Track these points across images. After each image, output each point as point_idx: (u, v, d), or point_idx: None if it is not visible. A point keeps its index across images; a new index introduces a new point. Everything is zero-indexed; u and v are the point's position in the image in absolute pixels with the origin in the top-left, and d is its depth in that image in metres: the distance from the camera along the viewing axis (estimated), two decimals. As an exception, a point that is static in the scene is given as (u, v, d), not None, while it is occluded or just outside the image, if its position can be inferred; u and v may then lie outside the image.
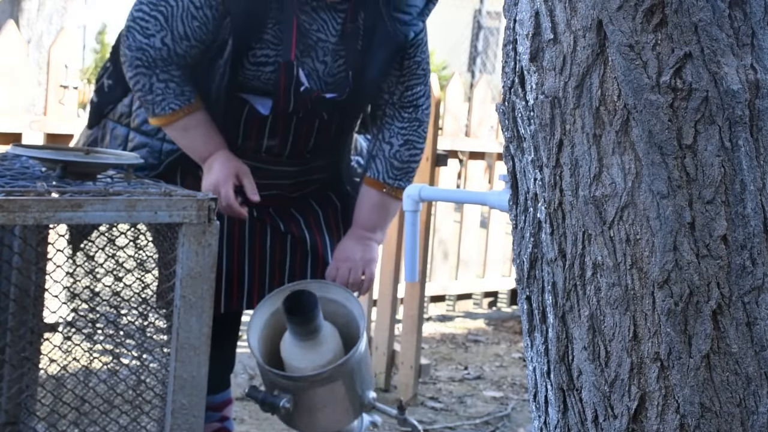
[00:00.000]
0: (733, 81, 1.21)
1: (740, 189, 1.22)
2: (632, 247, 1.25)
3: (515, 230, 1.41)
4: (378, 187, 2.32)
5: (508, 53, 1.37)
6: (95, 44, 18.27)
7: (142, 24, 2.11)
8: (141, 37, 2.11)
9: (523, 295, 1.40)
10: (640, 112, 1.22)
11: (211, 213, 1.64)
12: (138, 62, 2.11)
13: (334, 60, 2.21)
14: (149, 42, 2.10)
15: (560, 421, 1.35)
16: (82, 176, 1.75)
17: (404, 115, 2.32)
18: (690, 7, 1.21)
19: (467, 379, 4.19)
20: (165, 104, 2.12)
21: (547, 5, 1.28)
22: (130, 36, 2.12)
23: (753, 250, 1.22)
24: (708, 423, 1.24)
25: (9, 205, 1.48)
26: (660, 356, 1.24)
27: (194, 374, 1.64)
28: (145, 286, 1.79)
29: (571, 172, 1.28)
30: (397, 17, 2.22)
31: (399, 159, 2.33)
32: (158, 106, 2.12)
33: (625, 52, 1.22)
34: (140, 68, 2.11)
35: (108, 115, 2.33)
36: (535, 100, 1.31)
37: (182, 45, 2.11)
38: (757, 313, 1.23)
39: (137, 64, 2.11)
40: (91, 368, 1.91)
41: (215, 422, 2.35)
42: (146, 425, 1.76)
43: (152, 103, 2.13)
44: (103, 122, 2.33)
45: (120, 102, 2.30)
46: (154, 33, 2.10)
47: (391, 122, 2.32)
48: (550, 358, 1.35)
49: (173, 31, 2.10)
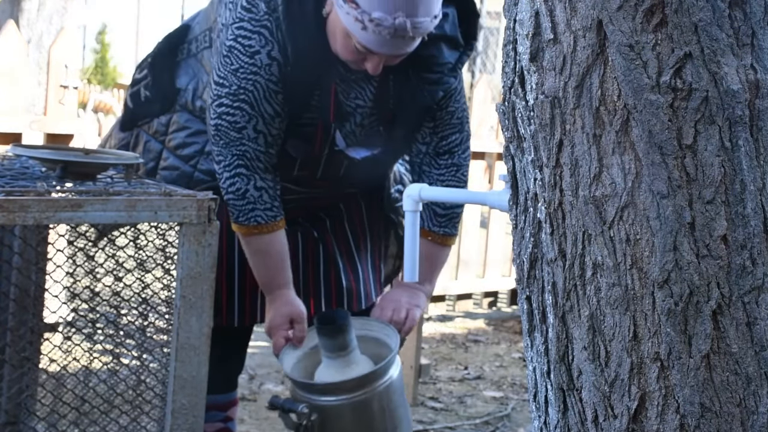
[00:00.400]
0: (733, 81, 1.21)
1: (740, 189, 1.22)
2: (632, 247, 1.25)
3: (515, 230, 1.41)
4: (424, 236, 2.28)
5: (508, 53, 1.36)
6: (95, 44, 18.26)
7: (229, 119, 2.06)
8: (233, 132, 2.06)
9: (523, 295, 1.40)
10: (640, 112, 1.22)
11: (211, 213, 1.64)
12: (239, 163, 2.06)
13: (368, 119, 2.22)
14: (242, 135, 2.05)
15: (560, 421, 1.35)
16: (82, 176, 1.75)
17: (440, 162, 2.29)
18: (690, 7, 1.21)
19: (467, 379, 4.19)
20: (252, 215, 2.08)
21: (547, 5, 1.28)
22: (221, 134, 2.06)
23: (753, 250, 1.22)
24: (708, 423, 1.24)
25: (9, 205, 1.48)
26: (660, 356, 1.24)
27: (194, 374, 1.64)
28: (145, 286, 1.79)
29: (571, 172, 1.28)
30: (426, 77, 2.20)
31: (441, 206, 2.31)
32: (244, 216, 2.08)
33: (625, 52, 1.22)
34: (240, 169, 2.06)
35: (142, 126, 2.30)
36: (535, 100, 1.31)
37: (275, 124, 2.08)
38: (757, 313, 1.23)
39: (238, 164, 2.06)
40: (91, 368, 1.91)
41: (218, 422, 2.35)
42: (146, 425, 1.76)
43: (240, 210, 2.08)
44: (137, 131, 2.31)
45: (157, 118, 2.27)
46: (244, 124, 2.05)
47: (429, 170, 2.29)
48: (550, 358, 1.35)
49: (263, 115, 2.06)
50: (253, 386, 3.84)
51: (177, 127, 2.25)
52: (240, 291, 2.23)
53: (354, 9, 1.97)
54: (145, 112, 2.30)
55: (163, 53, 2.30)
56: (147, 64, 2.32)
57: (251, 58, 2.04)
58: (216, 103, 2.07)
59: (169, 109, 2.26)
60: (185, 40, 2.29)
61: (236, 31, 2.06)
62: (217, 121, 2.07)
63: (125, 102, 2.36)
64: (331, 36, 2.07)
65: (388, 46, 2.01)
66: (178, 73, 2.28)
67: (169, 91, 2.26)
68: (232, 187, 2.07)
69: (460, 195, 2.19)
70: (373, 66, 2.06)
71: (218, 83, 2.07)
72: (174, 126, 2.25)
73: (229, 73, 2.05)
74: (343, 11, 1.99)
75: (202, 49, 2.24)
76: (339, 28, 2.03)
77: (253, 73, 2.04)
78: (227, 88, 2.05)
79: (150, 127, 2.28)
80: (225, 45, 2.07)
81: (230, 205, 2.09)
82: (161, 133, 2.27)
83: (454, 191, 2.19)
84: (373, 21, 1.96)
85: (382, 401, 2.09)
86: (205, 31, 2.24)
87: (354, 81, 2.17)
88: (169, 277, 1.75)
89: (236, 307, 2.24)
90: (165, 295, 1.77)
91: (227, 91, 2.05)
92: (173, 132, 2.25)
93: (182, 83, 2.26)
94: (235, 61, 2.05)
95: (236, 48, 2.05)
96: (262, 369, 4.10)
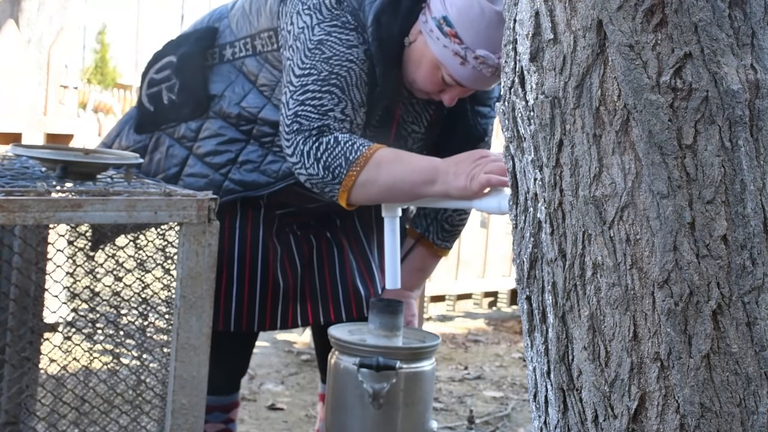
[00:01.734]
0: (733, 81, 1.21)
1: (740, 189, 1.22)
2: (632, 247, 1.25)
3: (515, 230, 1.41)
4: (426, 246, 2.34)
5: (508, 53, 1.37)
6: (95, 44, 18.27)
7: (315, 103, 1.98)
8: (317, 115, 1.97)
9: (523, 295, 1.40)
10: (640, 112, 1.22)
11: (211, 213, 1.64)
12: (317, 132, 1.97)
13: (418, 144, 2.23)
14: (328, 117, 1.98)
15: (560, 421, 1.35)
16: (82, 176, 1.75)
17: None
18: (690, 7, 1.21)
19: (467, 379, 4.19)
20: (357, 146, 1.95)
21: (547, 5, 1.28)
22: (302, 118, 1.98)
23: (753, 250, 1.22)
24: (708, 423, 1.24)
25: (9, 205, 1.48)
26: (660, 356, 1.24)
27: (194, 374, 1.64)
28: (145, 286, 1.79)
29: (571, 172, 1.28)
30: (479, 111, 2.23)
31: (450, 222, 2.35)
32: (351, 151, 1.94)
33: (625, 52, 1.22)
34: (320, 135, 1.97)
35: (165, 129, 2.24)
36: (535, 100, 1.31)
37: (361, 113, 2.03)
38: (757, 313, 1.23)
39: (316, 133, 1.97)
40: (91, 368, 1.91)
41: (220, 423, 2.35)
42: (146, 425, 1.76)
43: (343, 156, 1.94)
44: (158, 135, 2.25)
45: (185, 123, 2.21)
46: (332, 107, 1.98)
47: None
48: (550, 358, 1.35)
49: (353, 100, 2.01)
50: (253, 386, 3.84)
51: (209, 134, 2.19)
52: (238, 296, 2.22)
53: (456, 44, 1.98)
54: (170, 116, 2.24)
55: (193, 56, 2.23)
56: (170, 66, 2.26)
57: (348, 49, 2.01)
58: (299, 92, 2.00)
59: (201, 115, 2.21)
60: (214, 44, 2.24)
61: (328, 28, 2.02)
62: (297, 109, 1.98)
63: (141, 103, 2.29)
64: (413, 64, 2.07)
65: (480, 82, 2.04)
66: (211, 78, 2.22)
67: (201, 97, 2.20)
68: (321, 146, 1.96)
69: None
70: (451, 97, 2.08)
71: (302, 74, 2.01)
72: (206, 132, 2.20)
73: (319, 61, 2.00)
74: (439, 44, 2.00)
75: (243, 56, 2.19)
76: (427, 59, 2.03)
77: (350, 61, 2.01)
78: (315, 75, 1.99)
79: (176, 132, 2.23)
80: (311, 41, 2.02)
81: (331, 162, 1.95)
82: (189, 138, 2.21)
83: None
84: (477, 58, 1.98)
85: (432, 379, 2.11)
86: (245, 39, 2.19)
87: (413, 106, 2.18)
88: (169, 277, 1.74)
89: (233, 312, 2.22)
90: (165, 295, 1.77)
91: (315, 77, 1.99)
92: (204, 139, 2.20)
93: (217, 89, 2.20)
94: (328, 50, 2.00)
95: (329, 41, 2.01)
96: (262, 369, 4.10)
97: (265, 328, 2.27)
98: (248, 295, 2.22)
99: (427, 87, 2.09)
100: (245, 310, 2.23)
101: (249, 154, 2.18)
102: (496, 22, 1.96)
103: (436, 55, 2.02)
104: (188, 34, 2.31)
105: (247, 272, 2.20)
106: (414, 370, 2.04)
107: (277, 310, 2.26)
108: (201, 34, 2.27)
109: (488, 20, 1.97)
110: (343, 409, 2.04)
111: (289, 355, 4.36)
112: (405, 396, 2.03)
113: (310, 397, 3.73)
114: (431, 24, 2.01)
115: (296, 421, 3.49)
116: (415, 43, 2.06)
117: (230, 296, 2.21)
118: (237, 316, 2.22)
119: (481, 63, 2.00)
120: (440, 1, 2.01)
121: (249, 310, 2.23)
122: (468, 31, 1.98)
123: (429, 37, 2.02)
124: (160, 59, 2.30)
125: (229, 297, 2.21)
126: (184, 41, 2.29)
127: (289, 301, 2.25)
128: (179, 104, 2.22)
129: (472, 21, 1.98)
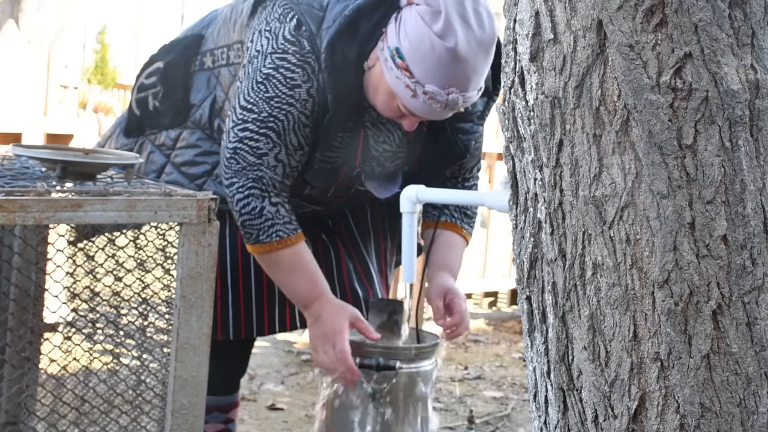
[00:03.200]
0: (733, 81, 1.21)
1: (740, 189, 1.22)
2: (632, 247, 1.25)
3: (515, 230, 1.41)
4: (458, 231, 2.35)
5: (508, 53, 1.37)
6: (95, 44, 18.26)
7: (251, 144, 2.01)
8: (252, 157, 2.01)
9: (523, 295, 1.40)
10: (640, 112, 1.22)
11: (211, 213, 1.64)
12: (253, 185, 2.01)
13: (393, 161, 2.22)
14: (262, 162, 2.02)
15: (560, 421, 1.35)
16: (82, 176, 1.75)
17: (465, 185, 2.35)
18: (690, 7, 1.21)
19: (467, 379, 4.19)
20: (272, 231, 2.02)
21: (547, 5, 1.28)
22: (239, 158, 2.02)
23: (753, 250, 1.22)
24: (708, 423, 1.24)
25: (9, 205, 1.48)
26: (660, 356, 1.24)
27: (194, 374, 1.64)
28: (145, 286, 1.79)
29: (571, 172, 1.28)
30: (460, 127, 2.21)
31: (471, 210, 2.37)
32: (264, 233, 2.02)
33: (625, 52, 1.22)
34: (254, 190, 2.02)
35: (149, 135, 2.26)
36: (535, 100, 1.31)
37: (296, 156, 2.05)
38: (757, 313, 1.23)
39: (252, 186, 2.01)
40: (91, 368, 1.91)
41: (220, 423, 2.36)
42: (146, 425, 1.76)
43: (258, 229, 2.01)
44: (142, 140, 2.26)
45: (165, 131, 2.23)
46: (266, 151, 2.02)
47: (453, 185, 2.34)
48: (550, 358, 1.35)
49: (287, 146, 2.03)
50: (253, 386, 3.84)
51: (186, 144, 2.21)
52: (234, 304, 2.21)
53: (407, 77, 1.97)
54: (153, 123, 2.25)
55: (177, 65, 2.24)
56: (157, 72, 2.26)
57: (290, 90, 2.02)
58: (239, 127, 2.03)
59: (179, 124, 2.22)
60: (198, 51, 2.24)
61: (277, 61, 2.02)
62: (237, 145, 2.03)
63: (131, 107, 2.30)
64: (371, 90, 2.06)
65: (433, 114, 2.04)
66: (192, 86, 2.23)
67: (181, 106, 2.22)
68: (247, 207, 2.02)
69: (457, 196, 2.19)
70: (410, 124, 2.08)
71: (246, 108, 2.03)
72: (183, 142, 2.21)
73: (262, 100, 2.02)
74: (393, 74, 1.99)
75: (219, 66, 2.20)
76: (383, 86, 2.03)
77: (289, 104, 2.02)
78: (256, 114, 2.02)
79: (157, 138, 2.24)
80: (261, 72, 2.03)
81: (247, 226, 2.03)
82: (168, 146, 2.22)
83: (452, 192, 2.20)
84: (426, 93, 1.98)
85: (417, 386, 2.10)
86: (222, 48, 2.20)
87: (383, 125, 2.17)
88: (169, 277, 1.74)
89: (231, 321, 2.21)
90: (165, 295, 1.77)
91: (255, 117, 2.02)
92: (181, 148, 2.21)
93: (196, 98, 2.21)
94: (272, 90, 2.02)
95: (275, 77, 2.02)
96: (262, 369, 4.10)
97: (264, 333, 2.26)
98: (244, 302, 2.22)
99: (385, 113, 2.08)
100: (243, 318, 2.22)
101: None
102: (446, 59, 1.94)
103: (390, 85, 2.01)
104: (178, 41, 2.32)
105: (241, 279, 2.20)
106: (414, 370, 2.04)
107: (274, 314, 2.25)
108: (188, 42, 2.27)
109: (438, 56, 1.95)
110: (344, 408, 2.04)
111: (289, 355, 4.36)
112: (404, 396, 2.03)
113: (310, 397, 3.73)
114: (386, 53, 2.00)
115: (296, 421, 3.49)
116: (373, 69, 2.04)
117: (226, 305, 2.21)
118: (235, 324, 2.21)
119: (430, 98, 1.98)
120: (395, 32, 1.99)
121: (247, 317, 2.22)
122: (418, 66, 1.97)
123: (384, 65, 2.01)
124: (151, 64, 2.31)
125: (225, 306, 2.20)
126: (173, 48, 2.30)
127: (286, 304, 2.24)
128: (161, 112, 2.24)
129: (422, 56, 1.96)
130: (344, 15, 2.00)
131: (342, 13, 2.01)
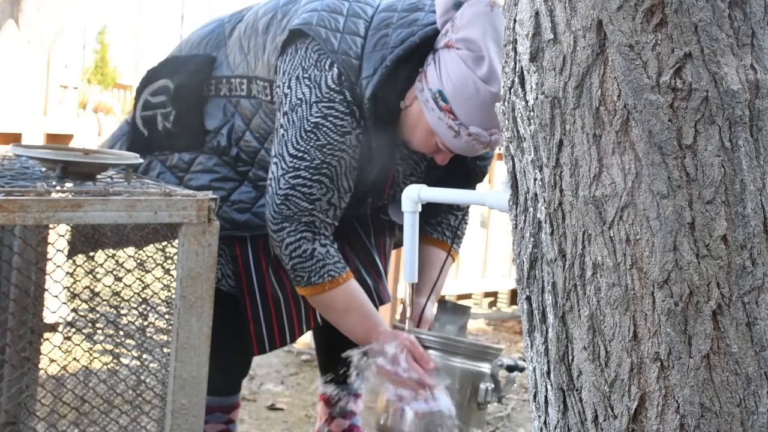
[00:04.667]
0: (733, 81, 1.21)
1: (740, 189, 1.22)
2: (632, 247, 1.25)
3: (515, 230, 1.41)
4: (445, 249, 2.40)
5: (508, 53, 1.37)
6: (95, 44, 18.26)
7: (303, 190, 2.05)
8: (305, 203, 2.06)
9: (523, 295, 1.40)
10: (640, 112, 1.22)
11: (211, 213, 1.64)
12: (304, 228, 2.06)
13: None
14: (314, 207, 2.06)
15: (560, 421, 1.35)
16: (82, 176, 1.75)
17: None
18: (690, 7, 1.21)
19: (467, 379, 4.18)
20: (324, 272, 2.07)
21: (547, 5, 1.28)
22: (291, 204, 2.05)
23: (753, 250, 1.22)
24: (708, 423, 1.24)
25: (9, 205, 1.48)
26: (660, 356, 1.24)
27: (194, 374, 1.64)
28: (145, 286, 1.79)
29: (571, 172, 1.28)
30: (480, 155, 2.26)
31: (461, 231, 2.44)
32: (316, 274, 2.06)
33: (625, 52, 1.22)
34: (306, 233, 2.06)
35: (158, 156, 2.25)
36: (535, 100, 1.31)
37: (346, 198, 2.11)
38: (757, 313, 1.23)
39: (302, 230, 2.06)
40: (91, 368, 1.91)
41: (221, 423, 2.36)
42: (146, 425, 1.76)
43: (309, 271, 2.06)
44: (150, 159, 2.25)
45: (178, 153, 2.23)
46: (319, 197, 2.06)
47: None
48: (550, 358, 1.35)
49: (339, 189, 2.08)
50: (253, 386, 3.84)
51: (202, 168, 2.21)
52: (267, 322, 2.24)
53: (451, 119, 2.03)
54: (164, 144, 2.24)
55: (189, 88, 2.23)
56: (166, 92, 2.25)
57: (341, 137, 2.06)
58: (291, 174, 2.05)
59: (196, 149, 2.22)
60: (211, 75, 2.24)
61: (325, 110, 2.05)
62: (288, 192, 2.05)
63: (135, 124, 2.27)
64: (408, 127, 2.11)
65: (472, 151, 2.11)
66: (207, 110, 2.23)
67: (197, 132, 2.22)
68: (298, 251, 2.06)
69: (459, 195, 2.20)
70: (443, 158, 2.15)
71: (296, 156, 2.06)
72: (199, 166, 2.21)
73: (313, 148, 2.05)
74: (435, 115, 2.04)
75: (238, 96, 2.20)
76: (422, 125, 2.08)
77: (341, 150, 2.06)
78: (308, 162, 2.05)
79: (168, 160, 2.23)
80: (308, 121, 2.05)
81: (298, 269, 2.07)
82: (181, 169, 2.22)
83: (453, 192, 2.21)
84: (471, 135, 2.03)
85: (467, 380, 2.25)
86: (241, 79, 2.20)
87: (411, 158, 2.23)
88: (169, 277, 1.75)
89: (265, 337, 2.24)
90: (165, 295, 1.77)
91: (308, 164, 2.05)
92: (196, 172, 2.21)
93: (212, 125, 2.22)
94: (323, 138, 2.05)
95: (324, 125, 2.05)
96: (262, 369, 4.10)
97: (294, 339, 2.31)
98: (276, 317, 2.26)
99: (421, 149, 2.14)
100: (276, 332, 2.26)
101: (241, 194, 2.20)
102: (489, 102, 1.99)
103: (431, 125, 2.06)
104: (185, 60, 2.29)
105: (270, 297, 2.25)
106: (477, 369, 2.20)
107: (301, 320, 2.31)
108: (198, 66, 2.26)
109: (482, 100, 2.00)
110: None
111: (289, 355, 4.36)
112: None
113: (310, 397, 3.73)
114: (427, 94, 2.04)
115: (296, 421, 3.49)
116: (410, 108, 2.09)
117: (259, 324, 2.24)
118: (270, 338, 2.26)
119: (474, 139, 2.04)
120: (437, 74, 2.03)
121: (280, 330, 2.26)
122: (462, 109, 2.01)
123: (425, 106, 2.05)
124: (155, 80, 2.28)
125: (258, 325, 2.24)
126: (181, 67, 2.28)
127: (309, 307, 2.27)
128: (174, 134, 2.23)
129: (466, 99, 2.00)
130: (385, 65, 2.04)
131: (383, 64, 2.04)
